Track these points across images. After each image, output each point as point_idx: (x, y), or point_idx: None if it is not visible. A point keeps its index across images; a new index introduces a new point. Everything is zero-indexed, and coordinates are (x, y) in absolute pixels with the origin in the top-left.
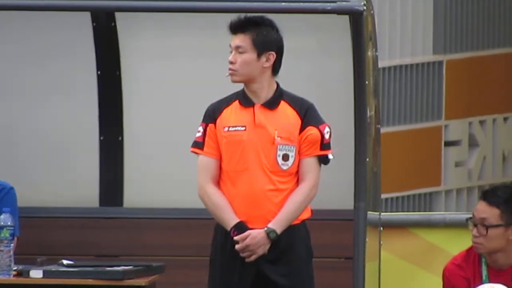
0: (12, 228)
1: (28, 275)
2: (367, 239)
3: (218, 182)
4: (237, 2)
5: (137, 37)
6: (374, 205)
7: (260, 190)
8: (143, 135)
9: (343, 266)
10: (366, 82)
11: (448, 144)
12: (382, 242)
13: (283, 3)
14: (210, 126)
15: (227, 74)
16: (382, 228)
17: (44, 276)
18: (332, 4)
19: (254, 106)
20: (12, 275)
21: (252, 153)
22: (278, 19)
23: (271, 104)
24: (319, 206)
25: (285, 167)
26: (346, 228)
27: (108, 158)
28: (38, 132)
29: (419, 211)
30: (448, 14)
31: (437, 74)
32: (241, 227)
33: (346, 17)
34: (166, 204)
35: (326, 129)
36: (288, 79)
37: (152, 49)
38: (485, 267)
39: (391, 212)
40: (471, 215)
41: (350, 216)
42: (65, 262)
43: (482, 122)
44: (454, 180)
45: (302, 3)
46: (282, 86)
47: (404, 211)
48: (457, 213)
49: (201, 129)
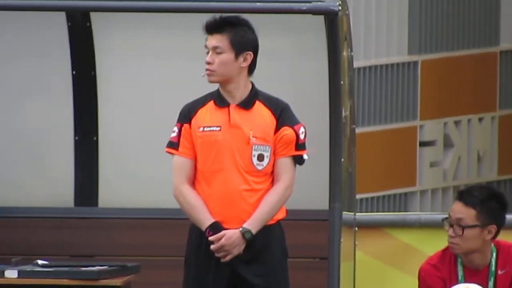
0: None
1: (3, 275)
2: (342, 240)
3: (193, 183)
4: (211, 2)
5: (112, 37)
6: (349, 205)
7: (235, 190)
8: (118, 135)
9: (318, 266)
10: (342, 82)
11: (423, 144)
12: (357, 242)
13: (258, 3)
14: (185, 126)
15: (203, 74)
16: (357, 228)
17: (19, 276)
18: (307, 4)
19: (229, 106)
20: None
21: (227, 153)
22: (253, 19)
23: (246, 104)
24: (294, 206)
25: (260, 167)
26: (321, 228)
27: (83, 158)
28: (13, 132)
29: (394, 211)
30: (423, 15)
31: (412, 75)
32: (216, 227)
33: (321, 17)
34: (141, 204)
35: (301, 129)
36: (263, 80)
37: (127, 49)
38: (461, 267)
39: (366, 212)
40: (447, 216)
41: (325, 216)
42: (40, 262)
43: (457, 123)
44: (429, 180)
45: (277, 3)
46: (258, 86)
47: (379, 211)
48: (432, 213)
49: (176, 129)
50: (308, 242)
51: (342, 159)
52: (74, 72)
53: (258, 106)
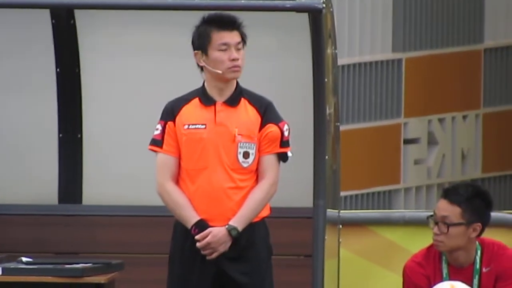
0: None
1: None
2: (326, 237)
3: (177, 180)
4: (196, 0)
5: (96, 34)
6: (333, 203)
7: (220, 188)
8: (102, 133)
9: (302, 264)
10: (326, 80)
11: (407, 142)
12: (341, 240)
13: (243, 1)
14: (169, 124)
15: (220, 71)
16: (341, 226)
17: (3, 273)
18: (291, 1)
19: (215, 104)
20: None
21: (212, 151)
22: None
23: (233, 101)
24: (278, 204)
25: (245, 165)
26: (305, 226)
27: (67, 156)
28: None
29: (379, 209)
30: (407, 13)
31: (396, 72)
32: (202, 225)
33: (305, 14)
34: (125, 201)
35: (285, 126)
36: (247, 77)
37: (111, 46)
38: (445, 265)
39: (351, 210)
40: (432, 213)
41: (309, 214)
42: (24, 259)
43: (441, 120)
44: (413, 178)
45: (261, 1)
46: (242, 84)
47: (363, 209)
48: (416, 211)
49: (159, 127)
50: (292, 240)
51: (326, 157)
52: (58, 69)
53: (244, 103)
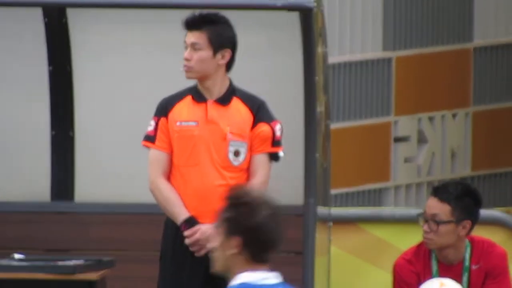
0: None
1: None
2: (317, 235)
3: (168, 177)
4: None
5: (88, 33)
6: (324, 200)
7: (210, 185)
8: (94, 130)
9: (293, 261)
10: (316, 78)
11: (397, 140)
12: (331, 238)
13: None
14: (162, 120)
15: (181, 69)
16: (331, 223)
17: None
18: (282, 0)
19: (206, 102)
20: None
21: (203, 148)
22: (227, 16)
23: (224, 100)
24: None
25: (236, 163)
26: (296, 223)
27: (59, 153)
28: None
29: (369, 207)
30: (397, 12)
31: (386, 71)
32: (191, 222)
33: (296, 13)
34: (117, 198)
35: (278, 126)
36: (238, 76)
37: (103, 44)
38: (435, 262)
39: (341, 207)
40: (422, 211)
41: (299, 211)
42: (16, 256)
43: (431, 119)
44: (403, 176)
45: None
46: (232, 81)
47: (353, 207)
48: (406, 208)
49: (153, 123)
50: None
51: (317, 155)
52: (50, 67)
53: (236, 102)
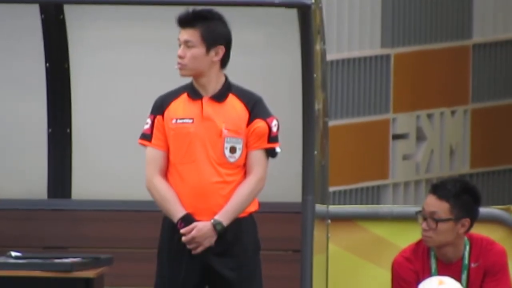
0: None
1: None
2: (315, 232)
3: (165, 174)
4: None
5: (85, 29)
6: (322, 198)
7: (207, 183)
8: (92, 128)
9: (291, 259)
10: (314, 76)
11: (395, 137)
12: (330, 235)
13: None
14: (158, 118)
15: (176, 67)
16: (330, 221)
17: None
18: None
19: (202, 99)
20: None
21: (199, 145)
22: (226, 13)
23: (219, 97)
24: (267, 199)
25: (232, 160)
26: (294, 221)
27: (56, 151)
28: None
29: (367, 204)
30: (396, 8)
31: (384, 68)
32: (187, 219)
33: (294, 10)
34: (114, 196)
35: (274, 122)
36: (236, 73)
37: (100, 41)
38: (434, 260)
39: (339, 205)
40: (420, 208)
41: (297, 209)
42: (13, 253)
43: (429, 116)
44: (402, 173)
45: None
46: (231, 79)
47: (352, 204)
48: (404, 206)
49: (149, 121)
50: (280, 235)
51: (315, 152)
52: (47, 64)
53: (231, 99)
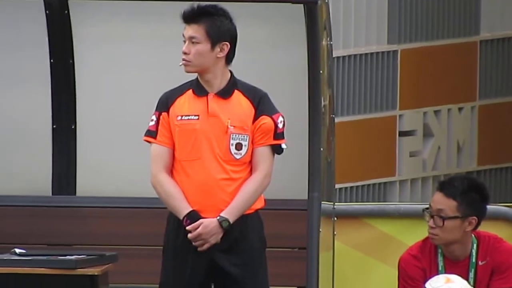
0: None
1: None
2: (321, 229)
3: (171, 171)
4: None
5: (90, 25)
6: (328, 195)
7: (213, 179)
8: (96, 123)
9: (297, 256)
10: (321, 72)
11: (402, 134)
12: (336, 232)
13: None
14: (163, 115)
15: (180, 64)
16: (336, 218)
17: None
18: None
19: (207, 95)
20: None
21: (205, 142)
22: (231, 9)
23: (225, 93)
24: (273, 196)
25: (238, 156)
26: (300, 218)
27: (61, 147)
28: None
29: (373, 201)
30: (402, 4)
31: (391, 64)
32: (193, 216)
33: (301, 6)
34: (118, 193)
35: (280, 118)
36: (242, 69)
37: (105, 37)
38: (441, 258)
39: (345, 202)
40: (427, 206)
41: (304, 206)
42: (17, 250)
43: (436, 112)
44: (409, 170)
45: None
46: (237, 76)
47: (358, 201)
48: (411, 203)
49: (154, 117)
50: (287, 232)
51: (321, 149)
52: (52, 60)
53: (237, 95)
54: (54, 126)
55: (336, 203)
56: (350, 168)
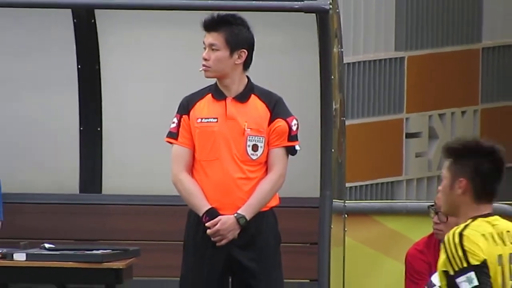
0: None
1: (12, 258)
2: (332, 226)
3: (191, 171)
4: (208, 1)
5: (115, 33)
6: (339, 193)
7: (230, 178)
8: (121, 126)
9: (309, 251)
10: (332, 77)
11: (409, 136)
12: (346, 229)
13: (253, 2)
14: (184, 117)
15: (200, 69)
16: (346, 215)
17: (27, 259)
18: (299, 2)
19: (226, 99)
20: None
21: (223, 143)
22: (247, 17)
23: (242, 97)
24: (287, 194)
25: (254, 157)
26: (313, 215)
27: (87, 148)
28: (23, 122)
29: (382, 200)
30: (409, 13)
31: (398, 70)
32: (212, 213)
33: (313, 15)
34: (142, 191)
35: (294, 121)
36: (259, 74)
37: (129, 44)
38: None
39: (355, 200)
40: (433, 203)
41: (316, 204)
42: (47, 245)
43: (441, 116)
44: (415, 170)
45: (270, 2)
46: (253, 81)
47: (367, 199)
48: (417, 201)
49: (175, 120)
50: (299, 228)
51: (333, 150)
52: (79, 66)
53: (253, 99)
54: (81, 128)
55: (346, 201)
56: (359, 168)
